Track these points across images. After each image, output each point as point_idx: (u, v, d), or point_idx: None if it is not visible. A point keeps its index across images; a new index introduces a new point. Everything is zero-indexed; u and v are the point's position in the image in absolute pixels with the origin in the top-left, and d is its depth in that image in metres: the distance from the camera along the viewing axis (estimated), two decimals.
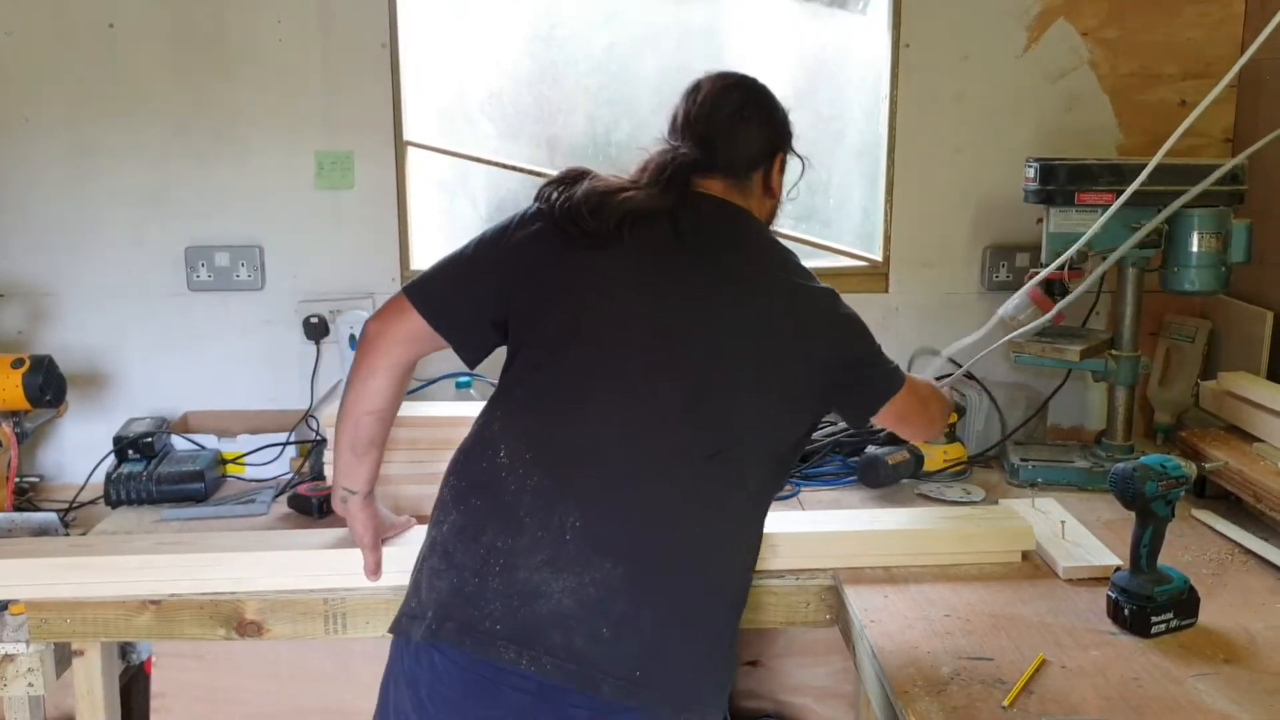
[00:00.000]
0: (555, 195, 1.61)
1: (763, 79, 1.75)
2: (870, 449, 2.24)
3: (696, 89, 1.73)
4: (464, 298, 1.64)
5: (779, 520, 1.98)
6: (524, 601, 1.44)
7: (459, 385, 2.42)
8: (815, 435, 2.53)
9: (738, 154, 1.71)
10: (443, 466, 2.09)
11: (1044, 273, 2.15)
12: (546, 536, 1.46)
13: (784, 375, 1.59)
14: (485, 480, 1.52)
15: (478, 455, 1.55)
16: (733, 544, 1.57)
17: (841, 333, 1.66)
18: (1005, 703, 1.41)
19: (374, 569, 1.78)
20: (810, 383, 1.62)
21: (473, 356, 1.67)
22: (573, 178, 1.63)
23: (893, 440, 2.28)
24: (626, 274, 1.60)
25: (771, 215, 1.79)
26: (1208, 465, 2.09)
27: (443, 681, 1.47)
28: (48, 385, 2.20)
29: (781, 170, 1.77)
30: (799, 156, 1.79)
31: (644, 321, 1.57)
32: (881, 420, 1.77)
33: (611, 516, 1.48)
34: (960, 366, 2.22)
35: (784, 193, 1.79)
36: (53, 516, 2.16)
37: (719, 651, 1.55)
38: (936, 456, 2.26)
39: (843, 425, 2.42)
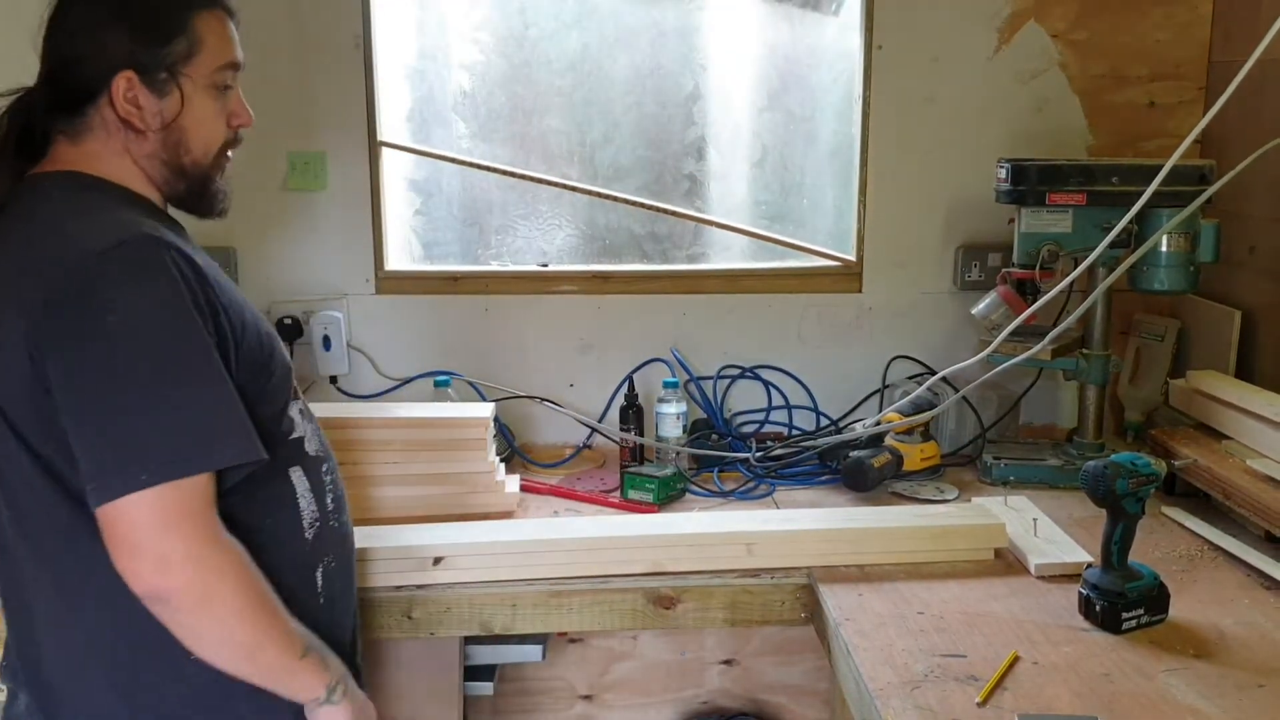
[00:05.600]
0: None
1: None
2: (853, 453, 2.22)
3: None
4: None
5: (754, 519, 1.99)
6: None
7: (437, 384, 2.41)
8: (795, 436, 2.55)
9: (64, 83, 1.30)
10: (420, 468, 2.09)
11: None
12: None
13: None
14: None
15: None
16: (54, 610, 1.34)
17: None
18: (979, 699, 1.42)
19: None
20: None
21: None
22: None
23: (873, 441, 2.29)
24: None
25: (174, 152, 1.38)
26: (1177, 463, 2.11)
27: None
28: None
29: (148, 91, 1.32)
30: (163, 72, 1.31)
31: None
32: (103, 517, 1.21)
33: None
34: (935, 373, 2.22)
35: (162, 119, 1.34)
36: None
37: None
38: (914, 456, 2.26)
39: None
